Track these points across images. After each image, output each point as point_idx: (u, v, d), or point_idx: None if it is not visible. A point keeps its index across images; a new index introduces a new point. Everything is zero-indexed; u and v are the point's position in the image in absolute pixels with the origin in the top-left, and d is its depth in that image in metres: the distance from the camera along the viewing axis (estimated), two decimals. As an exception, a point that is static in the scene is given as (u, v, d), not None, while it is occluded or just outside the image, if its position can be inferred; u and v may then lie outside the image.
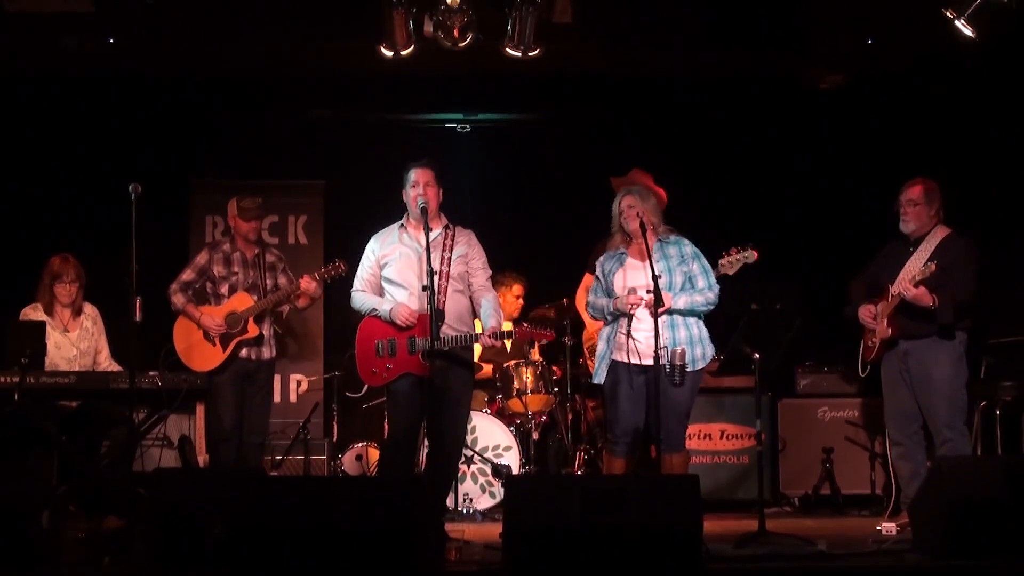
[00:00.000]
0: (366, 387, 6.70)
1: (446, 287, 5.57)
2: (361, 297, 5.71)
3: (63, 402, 6.08)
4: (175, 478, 5.41)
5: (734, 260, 6.04)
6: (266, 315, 6.50)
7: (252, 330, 6.38)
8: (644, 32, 7.12)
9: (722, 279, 6.06)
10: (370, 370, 5.60)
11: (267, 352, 6.51)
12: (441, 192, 5.70)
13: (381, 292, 5.71)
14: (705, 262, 5.67)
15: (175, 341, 6.42)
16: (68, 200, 7.91)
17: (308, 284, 6.37)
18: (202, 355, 6.37)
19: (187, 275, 6.50)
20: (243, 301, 6.40)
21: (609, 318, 5.63)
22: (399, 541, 4.33)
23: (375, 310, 5.62)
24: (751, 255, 6.00)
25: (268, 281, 6.50)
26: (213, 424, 6.43)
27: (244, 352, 6.42)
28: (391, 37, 6.51)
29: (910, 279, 5.78)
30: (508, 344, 7.35)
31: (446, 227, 5.71)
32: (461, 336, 5.54)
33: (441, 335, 5.42)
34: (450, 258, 5.61)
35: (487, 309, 5.65)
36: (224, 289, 6.46)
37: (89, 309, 6.52)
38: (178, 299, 6.43)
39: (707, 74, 7.83)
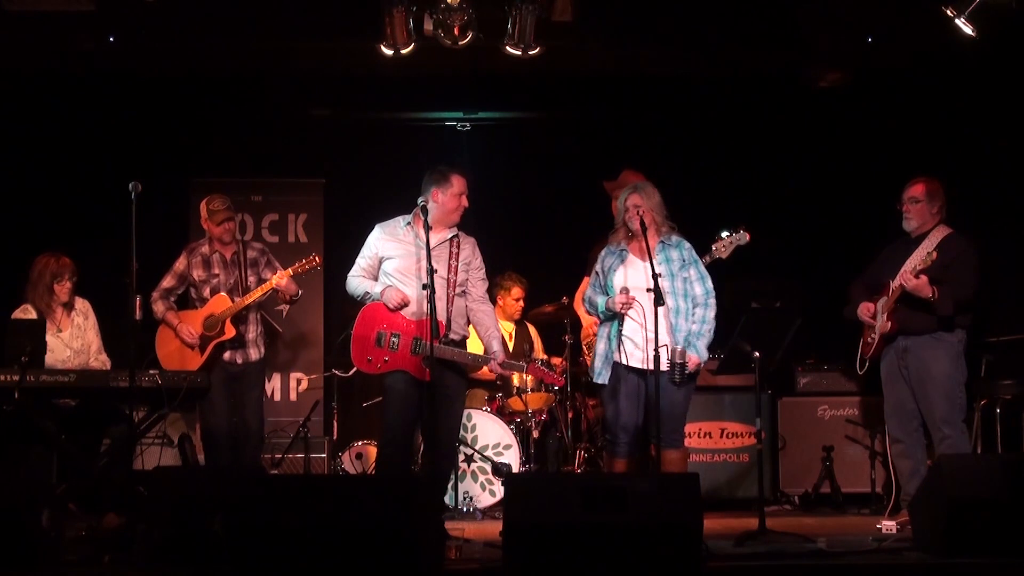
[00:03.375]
0: (354, 370, 6.66)
1: (452, 295, 5.58)
2: (355, 281, 5.70)
3: (63, 400, 6.07)
4: (175, 476, 5.42)
5: (727, 243, 6.00)
6: (250, 316, 6.45)
7: (229, 331, 6.32)
8: (644, 31, 7.13)
9: (715, 263, 6.02)
10: (365, 357, 5.57)
11: (254, 353, 6.47)
12: None
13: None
14: (702, 267, 5.68)
15: (157, 348, 6.42)
16: (68, 199, 7.92)
17: (280, 280, 6.32)
18: (181, 360, 6.34)
19: (167, 282, 6.46)
20: (222, 303, 6.36)
21: (603, 316, 5.64)
22: (399, 539, 4.34)
23: (368, 293, 5.62)
24: (743, 236, 5.96)
25: (251, 279, 6.45)
26: (204, 428, 6.42)
27: (227, 355, 6.37)
28: (391, 36, 6.51)
29: (911, 269, 5.79)
30: (510, 344, 7.37)
31: (455, 235, 5.71)
32: (469, 356, 5.58)
33: (447, 347, 5.46)
34: (456, 266, 5.63)
35: (491, 332, 5.66)
36: (207, 292, 6.43)
37: (80, 304, 6.50)
38: (158, 307, 6.40)
39: (707, 73, 7.84)
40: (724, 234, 6.01)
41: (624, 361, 5.52)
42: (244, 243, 6.63)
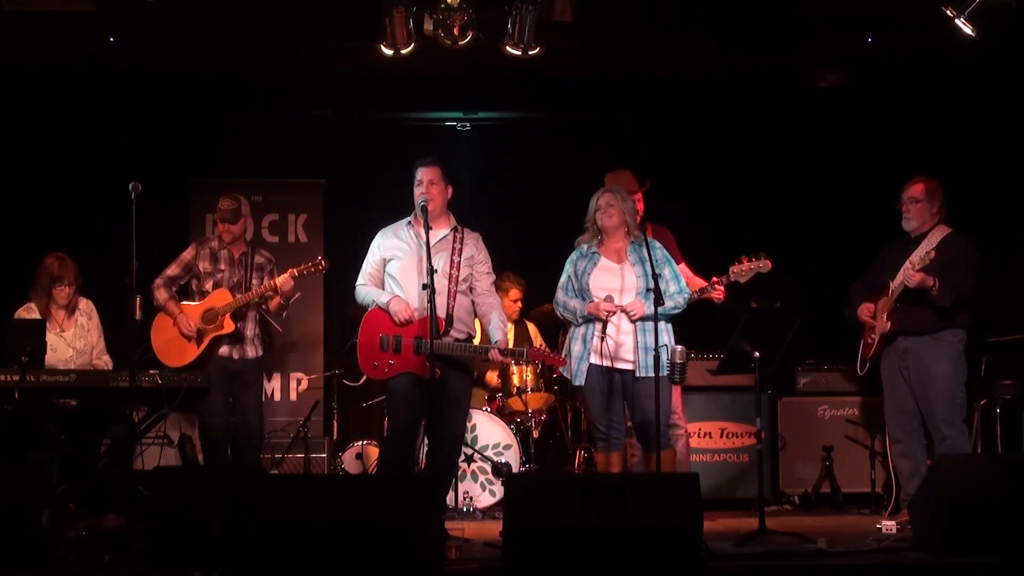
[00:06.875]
0: (364, 378, 6.65)
1: (455, 291, 5.58)
2: (363, 291, 5.73)
3: (63, 400, 6.07)
4: (175, 476, 5.42)
5: (747, 269, 6.00)
6: (249, 313, 6.44)
7: (227, 326, 6.31)
8: (644, 32, 7.12)
9: (730, 286, 6.07)
10: (372, 363, 5.59)
11: (251, 351, 6.45)
12: (450, 190, 5.71)
13: (383, 287, 5.72)
14: (675, 266, 5.76)
15: (152, 336, 6.38)
16: (68, 199, 7.91)
17: (286, 283, 6.31)
18: (178, 351, 6.32)
19: (172, 270, 6.45)
20: (223, 297, 6.36)
21: (580, 320, 5.65)
22: (399, 539, 4.34)
23: (375, 302, 5.63)
24: (765, 265, 5.97)
25: (254, 281, 6.45)
26: (202, 428, 6.42)
27: (224, 350, 6.35)
28: (391, 36, 6.51)
29: (911, 267, 5.79)
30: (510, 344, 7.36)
31: (455, 228, 5.71)
32: (469, 347, 5.57)
33: (447, 340, 5.46)
34: (459, 261, 5.63)
35: (495, 322, 5.66)
36: (208, 285, 6.42)
37: (84, 304, 6.49)
38: (160, 294, 6.37)
39: (707, 73, 7.83)
40: (743, 259, 6.01)
41: (601, 363, 5.56)
42: (253, 248, 6.64)
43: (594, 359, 5.57)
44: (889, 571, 4.78)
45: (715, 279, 6.10)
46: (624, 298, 5.56)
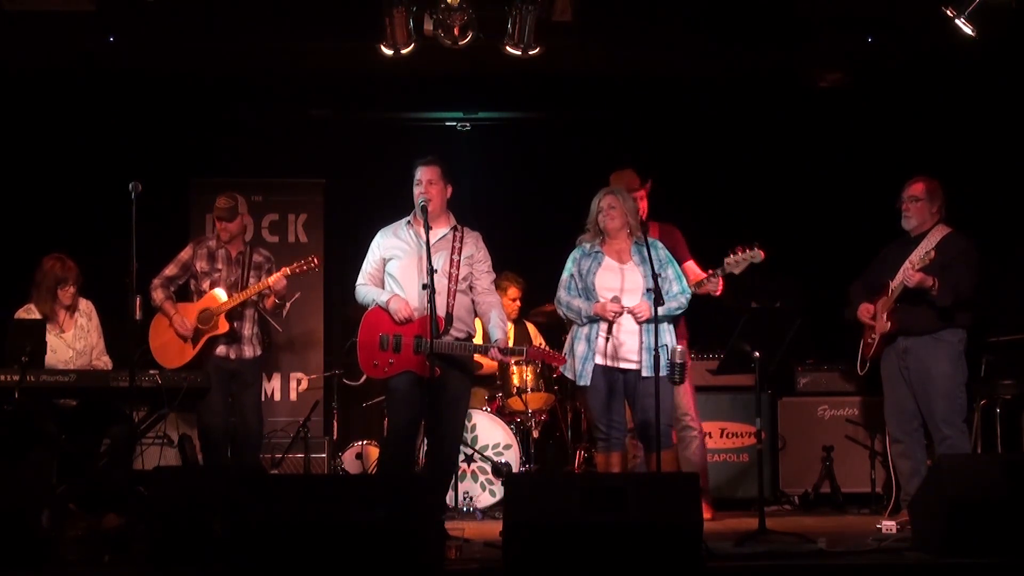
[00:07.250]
0: (364, 377, 6.65)
1: (455, 290, 5.58)
2: (363, 290, 5.73)
3: (63, 400, 6.07)
4: (175, 476, 5.42)
5: (740, 260, 6.02)
6: (246, 313, 6.44)
7: (222, 326, 6.33)
8: (643, 31, 7.13)
9: (726, 277, 6.09)
10: (372, 362, 5.59)
11: (249, 351, 6.47)
12: (449, 190, 5.70)
13: (383, 286, 5.72)
14: (677, 266, 5.77)
15: (150, 338, 6.41)
16: (68, 199, 7.92)
17: (278, 281, 6.32)
18: (175, 352, 6.35)
19: (170, 270, 6.47)
20: (218, 298, 6.38)
21: (585, 320, 5.64)
22: (399, 539, 4.34)
23: (375, 301, 5.63)
24: (758, 255, 5.99)
25: (252, 280, 6.47)
26: (201, 427, 6.42)
27: (221, 350, 6.38)
28: (391, 36, 6.51)
29: (911, 267, 5.79)
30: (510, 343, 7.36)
31: (454, 228, 5.71)
32: (468, 346, 5.57)
33: (447, 339, 5.46)
34: (459, 260, 5.63)
35: (495, 321, 5.66)
36: (206, 285, 6.44)
37: (83, 305, 6.49)
38: (158, 295, 6.40)
39: (707, 73, 7.83)
40: (737, 249, 6.03)
41: (605, 363, 5.56)
42: (252, 247, 6.64)
43: (598, 359, 5.57)
44: (889, 571, 4.77)
45: (710, 271, 6.13)
46: (628, 298, 5.56)
